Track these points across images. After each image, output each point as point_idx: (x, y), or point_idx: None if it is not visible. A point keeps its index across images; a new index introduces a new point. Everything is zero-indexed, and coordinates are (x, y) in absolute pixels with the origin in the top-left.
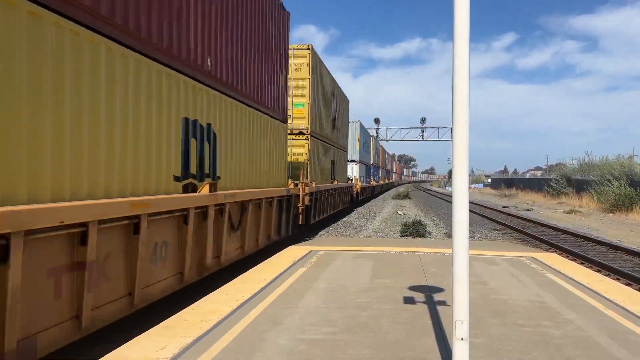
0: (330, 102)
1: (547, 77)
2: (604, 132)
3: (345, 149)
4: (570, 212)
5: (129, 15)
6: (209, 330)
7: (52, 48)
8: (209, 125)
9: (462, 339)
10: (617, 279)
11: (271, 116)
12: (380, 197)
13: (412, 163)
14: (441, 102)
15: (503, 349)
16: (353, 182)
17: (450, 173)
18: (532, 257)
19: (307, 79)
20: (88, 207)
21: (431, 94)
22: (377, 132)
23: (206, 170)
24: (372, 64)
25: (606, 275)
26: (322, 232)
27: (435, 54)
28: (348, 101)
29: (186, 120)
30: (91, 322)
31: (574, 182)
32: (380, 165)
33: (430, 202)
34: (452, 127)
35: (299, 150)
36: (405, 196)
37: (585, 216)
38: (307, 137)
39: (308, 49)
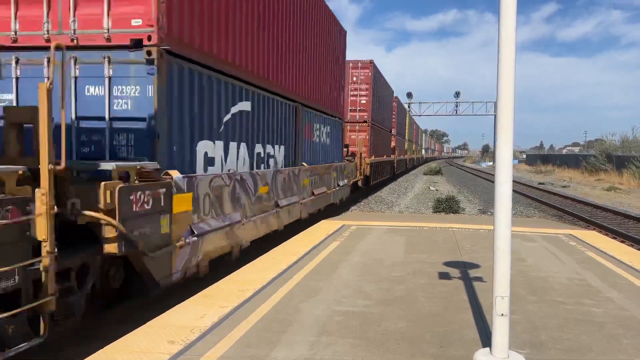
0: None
1: (589, 50)
2: None
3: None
4: (609, 189)
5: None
6: (247, 300)
7: None
8: None
9: (502, 314)
10: None
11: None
12: (419, 168)
13: (445, 139)
14: (477, 76)
15: (542, 326)
16: (424, 155)
17: (484, 148)
18: (570, 234)
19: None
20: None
21: (466, 68)
22: (409, 107)
23: None
24: (406, 36)
25: None
26: (353, 207)
27: (471, 26)
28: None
29: None
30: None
31: (614, 159)
32: (429, 147)
33: (463, 178)
34: (497, 97)
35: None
36: (437, 172)
37: (625, 193)
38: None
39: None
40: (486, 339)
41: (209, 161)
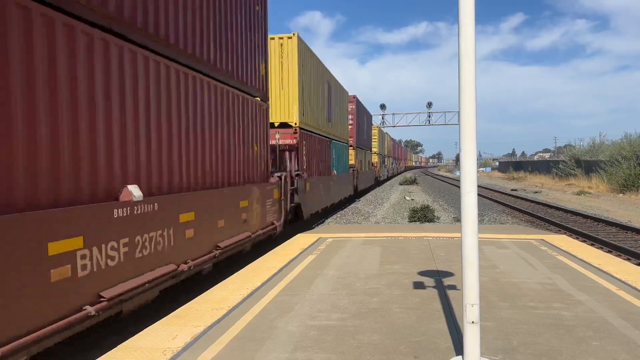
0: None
1: (556, 58)
2: (614, 113)
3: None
4: (579, 193)
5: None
6: (220, 319)
7: None
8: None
9: (472, 322)
10: (628, 259)
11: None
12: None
13: (419, 148)
14: (448, 86)
15: (514, 332)
16: (414, 164)
17: (457, 157)
18: (541, 239)
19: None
20: None
21: (438, 79)
22: (383, 118)
23: None
24: (378, 49)
25: (617, 256)
26: (329, 220)
27: (442, 38)
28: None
29: None
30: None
31: (582, 164)
32: (414, 160)
33: (438, 187)
34: (459, 107)
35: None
36: (413, 182)
37: (594, 197)
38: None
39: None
40: (459, 347)
41: None
